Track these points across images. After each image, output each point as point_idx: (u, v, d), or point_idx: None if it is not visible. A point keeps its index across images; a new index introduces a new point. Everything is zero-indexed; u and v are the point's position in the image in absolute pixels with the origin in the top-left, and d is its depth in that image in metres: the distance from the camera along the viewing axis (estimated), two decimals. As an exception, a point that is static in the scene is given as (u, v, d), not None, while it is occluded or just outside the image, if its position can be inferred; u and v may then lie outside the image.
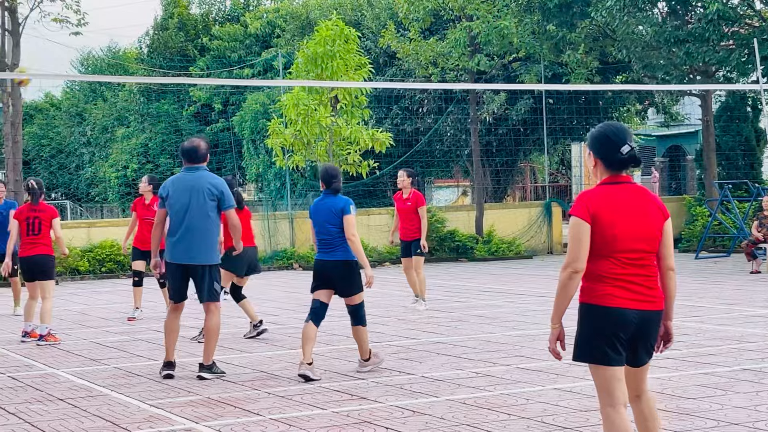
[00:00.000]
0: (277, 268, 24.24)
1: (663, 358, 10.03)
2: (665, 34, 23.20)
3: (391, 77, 29.83)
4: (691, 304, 14.77)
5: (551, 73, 28.08)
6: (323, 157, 24.35)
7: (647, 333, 5.32)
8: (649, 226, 5.28)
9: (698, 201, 27.21)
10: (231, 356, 10.88)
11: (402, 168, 15.24)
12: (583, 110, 30.73)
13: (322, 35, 23.80)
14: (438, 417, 7.62)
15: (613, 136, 5.31)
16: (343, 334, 12.45)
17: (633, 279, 5.24)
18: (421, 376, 9.37)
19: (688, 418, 7.40)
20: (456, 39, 26.16)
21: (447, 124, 30.62)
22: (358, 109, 24.47)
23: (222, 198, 9.48)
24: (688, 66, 24.72)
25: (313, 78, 23.62)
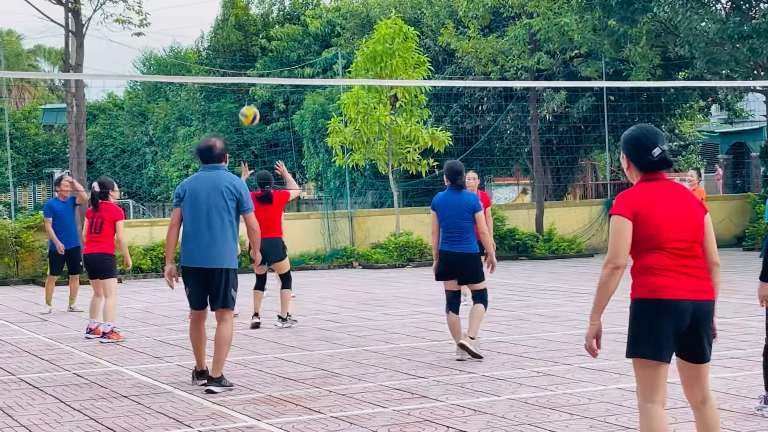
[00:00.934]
0: (337, 267, 24.32)
1: (727, 358, 9.91)
2: (729, 30, 22.88)
3: (450, 75, 29.79)
4: (755, 303, 14.52)
5: (612, 70, 27.83)
6: (383, 155, 24.40)
7: (704, 323, 5.31)
8: (692, 217, 5.33)
9: (763, 198, 26.79)
10: (292, 354, 10.94)
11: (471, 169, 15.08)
12: (645, 107, 30.43)
13: (381, 33, 23.86)
14: (499, 416, 7.59)
15: (645, 138, 5.37)
16: (403, 332, 12.47)
17: (684, 270, 5.25)
18: (482, 375, 9.34)
19: (753, 418, 7.30)
20: (516, 36, 26.05)
21: (507, 122, 30.49)
22: (417, 108, 24.48)
23: (241, 200, 8.94)
24: (752, 62, 24.35)
25: (372, 77, 23.69)
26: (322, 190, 32.82)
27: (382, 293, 17.84)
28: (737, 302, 14.78)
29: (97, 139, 42.62)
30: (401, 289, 18.66)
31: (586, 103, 28.83)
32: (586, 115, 29.27)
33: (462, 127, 30.23)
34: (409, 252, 24.35)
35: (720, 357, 9.95)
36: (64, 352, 11.59)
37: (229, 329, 8.95)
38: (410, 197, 29.87)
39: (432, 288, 18.63)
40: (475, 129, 30.56)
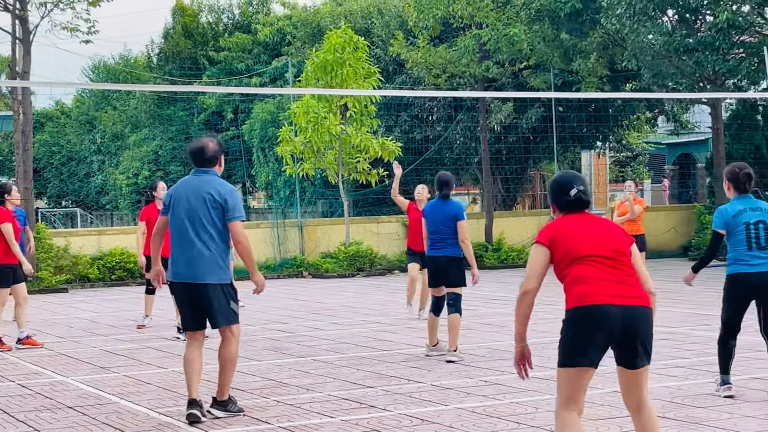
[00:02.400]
0: (287, 276, 24.26)
1: (673, 366, 10.03)
2: (675, 43, 23.18)
3: (401, 85, 29.86)
4: (700, 313, 14.74)
5: (561, 81, 28.07)
6: (333, 165, 24.40)
7: (637, 329, 5.42)
8: (614, 237, 5.60)
9: (708, 209, 27.13)
10: (240, 364, 10.86)
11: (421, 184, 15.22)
12: (592, 118, 30.70)
13: (332, 43, 23.88)
14: (447, 425, 7.62)
15: (564, 182, 5.74)
16: (352, 342, 12.46)
17: (611, 278, 5.45)
18: (430, 385, 9.36)
19: (697, 427, 7.39)
20: (465, 46, 26.19)
21: (456, 132, 30.62)
22: (367, 118, 24.52)
23: (226, 207, 8.04)
24: (698, 74, 24.69)
25: (322, 86, 23.69)
26: (272, 199, 32.73)
27: (332, 303, 17.82)
28: (683, 312, 14.96)
29: (44, 147, 42.17)
30: (351, 298, 18.66)
31: (535, 114, 29.04)
32: (535, 126, 29.48)
33: (412, 137, 30.31)
34: (359, 261, 24.36)
35: (665, 366, 10.06)
36: (9, 363, 11.44)
37: (231, 348, 8.04)
38: (360, 207, 29.88)
39: (382, 297, 18.66)
40: (425, 139, 30.65)
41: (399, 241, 25.61)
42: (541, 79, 27.31)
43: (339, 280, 23.31)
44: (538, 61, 26.97)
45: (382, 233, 25.65)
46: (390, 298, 18.58)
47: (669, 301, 16.54)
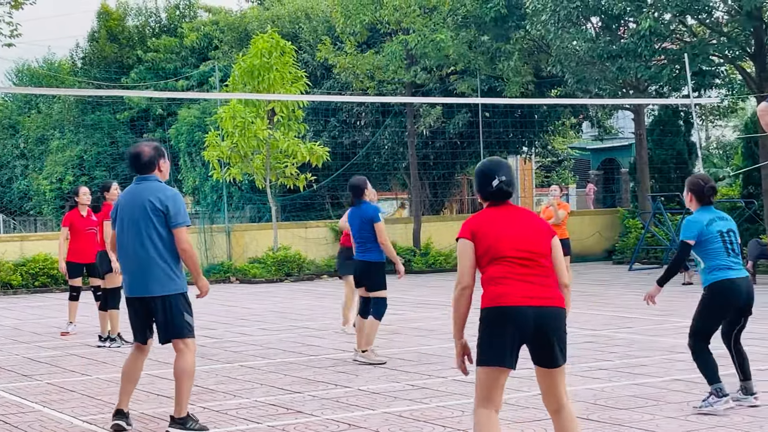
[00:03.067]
0: (214, 282, 24.08)
1: (596, 369, 10.17)
2: (599, 49, 23.52)
3: (329, 90, 29.88)
4: (623, 315, 14.97)
5: (487, 87, 28.31)
6: (260, 170, 24.32)
7: (551, 330, 5.51)
8: (534, 233, 5.63)
9: (632, 213, 27.57)
10: (166, 371, 10.78)
11: None
12: (518, 123, 31.02)
13: (259, 48, 23.81)
14: (373, 430, 7.64)
15: (488, 171, 5.73)
16: (280, 348, 12.44)
17: (526, 278, 5.51)
18: (358, 389, 9.38)
19: (620, 428, 7.51)
20: (392, 52, 26.29)
21: (384, 137, 30.70)
22: (295, 122, 24.49)
23: (168, 214, 7.67)
24: (621, 81, 25.08)
25: (249, 91, 23.61)
26: (199, 204, 32.51)
27: (260, 308, 17.76)
28: (606, 315, 15.17)
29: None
30: (279, 303, 18.61)
31: (462, 119, 29.25)
32: (462, 131, 29.69)
33: (340, 142, 30.33)
34: (288, 266, 24.31)
35: (589, 368, 10.21)
36: (-72, 372, 11.22)
37: (187, 362, 7.67)
38: (288, 212, 29.81)
39: (310, 302, 18.64)
40: (353, 144, 30.69)
41: (327, 245, 25.62)
42: (467, 85, 27.52)
43: (267, 285, 23.24)
44: (465, 67, 27.18)
45: (310, 238, 25.63)
46: (318, 303, 18.57)
47: (593, 304, 16.78)
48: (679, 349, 11.37)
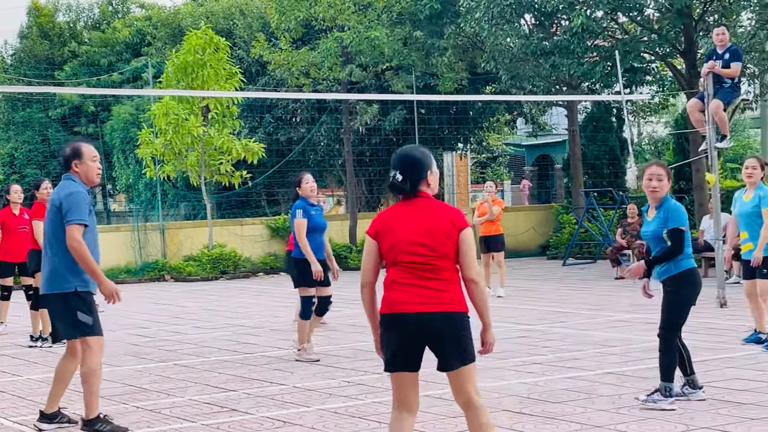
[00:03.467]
0: (148, 280, 23.87)
1: (530, 363, 10.26)
2: (532, 46, 23.70)
3: (264, 87, 29.74)
4: (557, 310, 15.12)
5: (423, 84, 28.39)
6: (195, 167, 24.15)
7: (440, 335, 5.44)
8: (431, 234, 5.43)
9: (565, 209, 27.84)
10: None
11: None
12: (453, 120, 31.16)
13: (192, 44, 23.64)
14: (309, 427, 7.64)
15: (391, 163, 5.60)
16: (215, 346, 12.37)
17: (416, 282, 5.44)
18: (293, 386, 9.37)
19: (552, 422, 7.58)
20: (327, 49, 26.24)
21: (320, 134, 30.66)
22: (229, 119, 24.36)
23: (62, 210, 7.50)
24: (554, 77, 25.30)
25: (183, 87, 23.43)
26: (133, 202, 32.18)
27: (194, 306, 17.64)
28: (541, 310, 15.31)
29: None
30: (214, 301, 18.50)
31: (398, 116, 29.30)
32: (398, 128, 29.74)
33: (276, 139, 30.21)
34: (223, 264, 24.17)
35: (523, 363, 10.30)
36: None
37: (86, 362, 7.47)
38: (224, 209, 29.62)
39: (245, 300, 18.56)
40: (288, 141, 30.59)
41: (263, 243, 25.53)
42: (403, 82, 27.58)
43: (202, 283, 23.09)
44: (400, 64, 27.24)
45: (246, 235, 25.50)
46: (254, 300, 18.50)
47: (527, 299, 16.93)
48: (612, 343, 11.53)
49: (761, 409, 7.74)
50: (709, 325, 12.68)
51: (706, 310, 14.14)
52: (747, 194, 10.98)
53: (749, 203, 10.88)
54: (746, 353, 10.46)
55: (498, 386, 9.01)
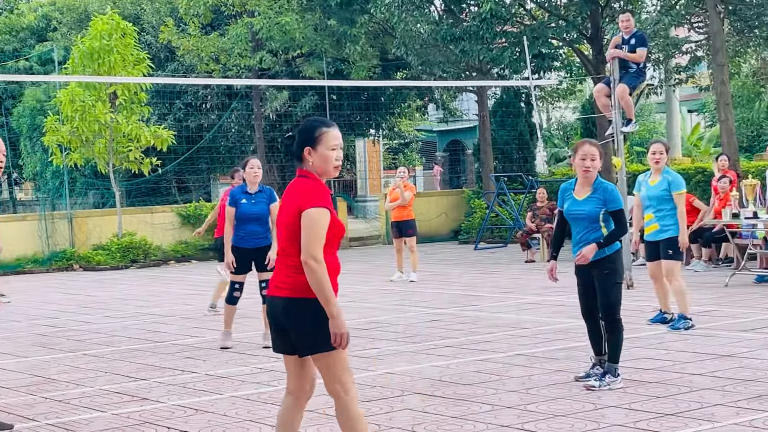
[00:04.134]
0: (56, 270, 23.46)
1: (442, 346, 10.34)
2: (442, 32, 23.83)
3: (173, 73, 29.42)
4: (469, 294, 15.25)
5: (334, 69, 28.36)
6: (103, 154, 23.80)
7: (283, 320, 5.29)
8: (283, 216, 5.34)
9: (476, 194, 28.09)
10: (5, 361, 10.49)
11: None
12: (365, 106, 31.19)
13: (98, 29, 23.27)
14: (221, 414, 7.60)
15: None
16: (125, 335, 12.23)
17: (278, 267, 5.36)
18: (205, 374, 9.31)
19: (463, 403, 7.66)
20: (237, 35, 26.05)
21: (231, 120, 30.45)
22: (138, 106, 24.04)
23: None
24: (464, 63, 25.47)
25: (90, 73, 23.04)
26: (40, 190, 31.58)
27: (104, 296, 17.40)
28: (452, 293, 15.43)
29: None
30: (124, 290, 18.27)
31: (309, 102, 29.23)
32: (309, 114, 29.66)
33: (186, 125, 29.92)
34: (133, 253, 23.86)
35: (435, 346, 10.38)
36: None
37: None
38: (134, 197, 29.26)
39: (156, 289, 18.38)
40: (199, 127, 30.32)
41: (174, 231, 25.26)
42: (314, 68, 27.52)
43: (112, 272, 22.78)
44: (311, 50, 27.16)
45: (156, 224, 25.20)
46: (165, 289, 18.32)
47: (439, 283, 17.05)
48: (522, 325, 11.68)
49: (665, 387, 7.92)
50: (617, 306, 12.92)
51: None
52: (653, 178, 11.12)
53: (657, 187, 11.01)
54: (652, 333, 10.69)
55: (410, 370, 9.08)
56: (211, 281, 19.04)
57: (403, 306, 14.02)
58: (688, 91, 35.76)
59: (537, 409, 7.35)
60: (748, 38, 23.62)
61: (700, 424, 6.70)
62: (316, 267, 5.11)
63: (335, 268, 5.33)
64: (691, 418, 6.85)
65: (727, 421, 6.74)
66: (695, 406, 7.23)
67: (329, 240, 5.26)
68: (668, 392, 7.73)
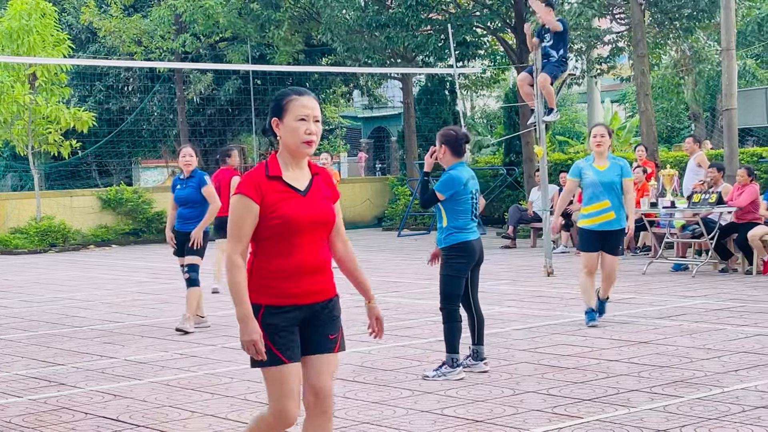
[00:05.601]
0: (-27, 253, 23.02)
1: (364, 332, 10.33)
2: (367, 19, 23.83)
3: (94, 54, 28.99)
4: (391, 280, 15.31)
5: (258, 54, 28.19)
6: (22, 136, 23.38)
7: None
8: None
9: (401, 181, 28.17)
10: None
11: None
12: (290, 91, 31.04)
13: (17, 9, 22.86)
14: (140, 399, 7.53)
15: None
16: (43, 320, 12.05)
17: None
18: (124, 360, 9.21)
19: (385, 389, 7.69)
20: (160, 17, 25.75)
21: (153, 103, 30.11)
22: (58, 87, 23.66)
23: None
24: (389, 50, 25.50)
25: (8, 54, 22.62)
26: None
27: (21, 280, 17.11)
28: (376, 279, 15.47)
29: None
30: (42, 275, 17.98)
31: (233, 86, 29.04)
32: (233, 98, 29.47)
33: (107, 108, 29.53)
34: (51, 237, 23.50)
35: (357, 332, 10.39)
36: None
37: None
38: (53, 180, 28.81)
39: (76, 273, 18.12)
40: (121, 110, 29.93)
41: (94, 215, 24.93)
42: (238, 52, 27.32)
43: (30, 256, 22.41)
44: (235, 34, 26.96)
45: (76, 207, 24.84)
46: (84, 273, 18.07)
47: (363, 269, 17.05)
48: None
49: (583, 373, 8.04)
50: (537, 293, 13.08)
51: (533, 279, 14.58)
52: (600, 163, 10.36)
53: (610, 172, 10.28)
54: (570, 320, 10.83)
55: (332, 355, 9.07)
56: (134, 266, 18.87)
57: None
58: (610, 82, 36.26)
59: (457, 395, 7.40)
60: (668, 30, 24.00)
61: (616, 409, 6.82)
62: (228, 266, 4.51)
63: (287, 268, 4.59)
64: (608, 404, 6.97)
65: (642, 407, 6.87)
66: (612, 391, 7.35)
67: (264, 233, 4.57)
68: (586, 378, 7.84)
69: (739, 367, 8.08)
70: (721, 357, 8.54)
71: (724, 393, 7.19)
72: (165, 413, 7.10)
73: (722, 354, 8.67)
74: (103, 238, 24.49)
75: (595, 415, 6.67)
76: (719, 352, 8.78)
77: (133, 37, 26.54)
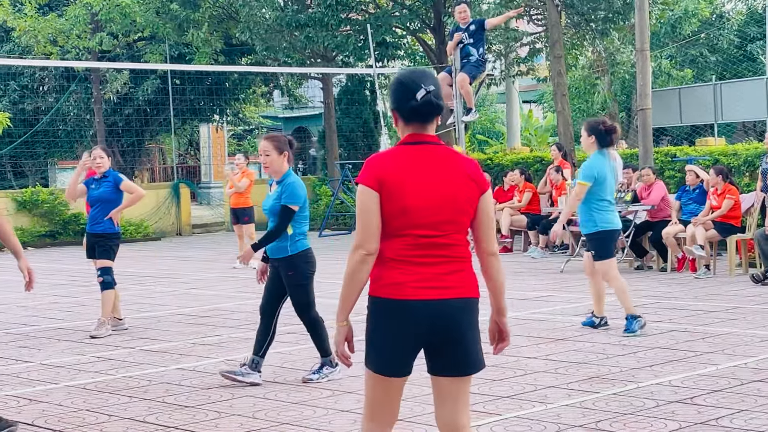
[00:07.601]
0: None
1: (285, 333, 10.34)
2: (287, 18, 23.77)
3: (8, 54, 28.48)
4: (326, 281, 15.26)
5: (177, 53, 27.94)
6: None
7: (447, 329, 4.22)
8: (452, 196, 4.14)
9: (322, 181, 28.15)
10: None
11: None
12: (210, 91, 30.84)
13: (-72, 7, 22.35)
14: (56, 404, 7.42)
15: (409, 81, 4.16)
16: (-44, 324, 11.81)
17: (425, 260, 4.15)
18: (40, 364, 9.07)
19: (304, 389, 7.70)
20: (76, 16, 25.39)
21: (70, 103, 29.67)
22: (-30, 87, 23.21)
23: None
24: (309, 50, 25.47)
25: None
26: None
27: (-67, 284, 16.73)
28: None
29: None
30: (-45, 278, 17.60)
31: (151, 86, 28.74)
32: (151, 98, 29.17)
33: (22, 108, 29.02)
34: (-35, 240, 23.01)
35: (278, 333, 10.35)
36: None
37: None
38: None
39: (-11, 277, 17.76)
40: (36, 110, 29.44)
41: (9, 217, 24.45)
42: (156, 51, 27.05)
43: (-58, 259, 21.92)
44: (153, 33, 26.69)
45: (-10, 209, 24.37)
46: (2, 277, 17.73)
47: (283, 270, 17.02)
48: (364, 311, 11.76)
49: (501, 371, 8.13)
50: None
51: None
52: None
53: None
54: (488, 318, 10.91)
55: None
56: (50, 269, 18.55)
57: (245, 293, 13.95)
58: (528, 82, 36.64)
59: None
60: (584, 31, 24.35)
61: (533, 405, 6.91)
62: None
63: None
64: (526, 400, 7.06)
65: (559, 403, 6.97)
66: (529, 388, 7.44)
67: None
68: (504, 375, 7.93)
69: (653, 363, 8.24)
70: (637, 353, 8.70)
71: (639, 388, 7.33)
72: (82, 417, 7.01)
73: (637, 350, 8.84)
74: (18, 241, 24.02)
75: (513, 412, 6.76)
76: (634, 348, 8.95)
77: (48, 37, 26.12)
